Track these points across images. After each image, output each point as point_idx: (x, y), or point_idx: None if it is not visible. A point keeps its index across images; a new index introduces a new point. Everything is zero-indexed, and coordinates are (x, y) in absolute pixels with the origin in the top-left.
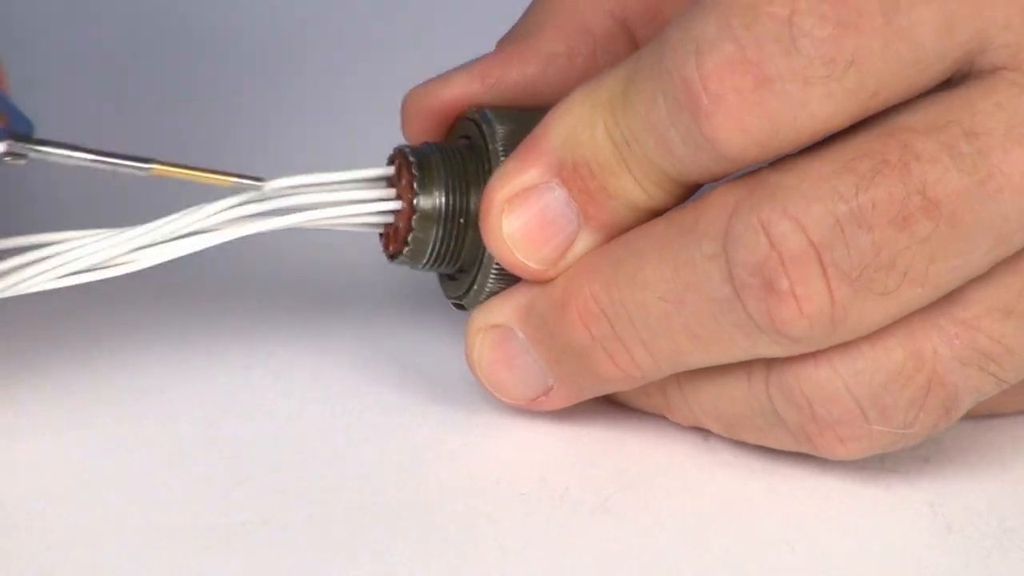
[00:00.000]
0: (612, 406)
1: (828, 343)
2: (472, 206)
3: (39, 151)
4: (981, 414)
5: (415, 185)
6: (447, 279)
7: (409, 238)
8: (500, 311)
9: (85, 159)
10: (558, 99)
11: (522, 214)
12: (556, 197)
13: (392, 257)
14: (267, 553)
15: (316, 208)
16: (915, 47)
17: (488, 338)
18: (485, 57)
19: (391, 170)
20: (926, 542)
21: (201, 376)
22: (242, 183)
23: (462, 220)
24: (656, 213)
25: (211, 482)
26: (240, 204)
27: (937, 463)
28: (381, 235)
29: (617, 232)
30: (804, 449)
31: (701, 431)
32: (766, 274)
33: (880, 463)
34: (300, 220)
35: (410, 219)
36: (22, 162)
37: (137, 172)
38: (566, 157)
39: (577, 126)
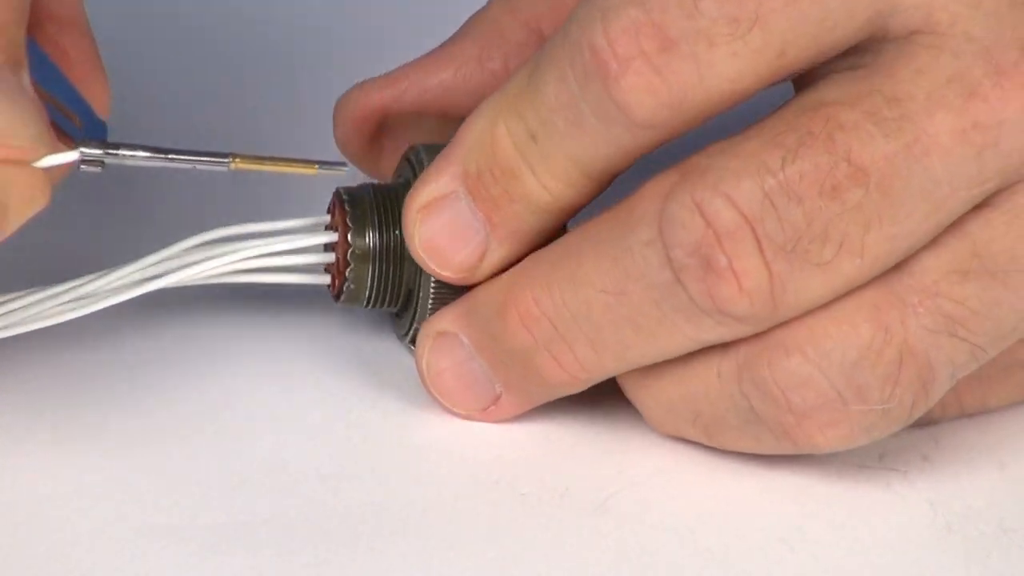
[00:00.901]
0: (613, 406)
1: (772, 321)
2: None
3: (116, 155)
4: (971, 409)
5: (347, 218)
6: (396, 317)
7: (348, 277)
8: (443, 318)
9: (163, 159)
10: (472, 104)
11: (432, 224)
12: (463, 207)
13: (337, 298)
14: (267, 553)
15: (252, 255)
16: (819, 5)
17: (435, 345)
18: (406, 64)
19: (327, 217)
20: (926, 541)
21: (201, 376)
22: (328, 170)
23: (397, 257)
24: (564, 214)
25: (211, 482)
26: (177, 256)
27: (937, 462)
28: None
29: (527, 239)
30: (784, 447)
31: None
32: (703, 252)
33: (880, 462)
34: (235, 267)
35: (346, 256)
36: (98, 169)
37: (217, 168)
38: (470, 165)
39: (480, 133)
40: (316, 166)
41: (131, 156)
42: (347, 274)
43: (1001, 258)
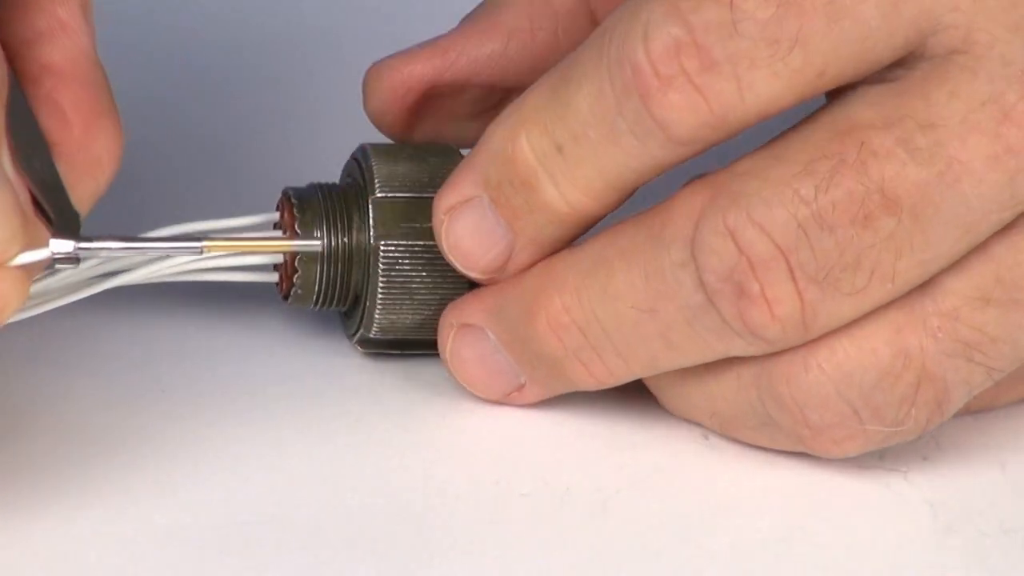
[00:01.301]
0: (613, 406)
1: (802, 341)
2: (354, 244)
3: (88, 248)
4: (976, 408)
5: (296, 225)
6: (346, 317)
7: (295, 278)
8: (470, 311)
9: (135, 249)
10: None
11: (458, 227)
12: (487, 212)
13: (286, 298)
14: (267, 553)
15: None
16: (859, 24)
17: (459, 337)
18: (448, 34)
19: (277, 215)
20: (926, 541)
21: (201, 376)
22: (301, 248)
23: (345, 259)
24: (584, 224)
25: (212, 482)
26: (116, 258)
27: (937, 462)
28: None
29: (548, 246)
30: (799, 449)
31: (701, 429)
32: (736, 279)
33: (880, 462)
34: (184, 267)
35: (294, 259)
36: (73, 265)
37: (189, 254)
38: (490, 174)
39: (500, 142)
40: (290, 245)
41: (103, 248)
42: (295, 275)
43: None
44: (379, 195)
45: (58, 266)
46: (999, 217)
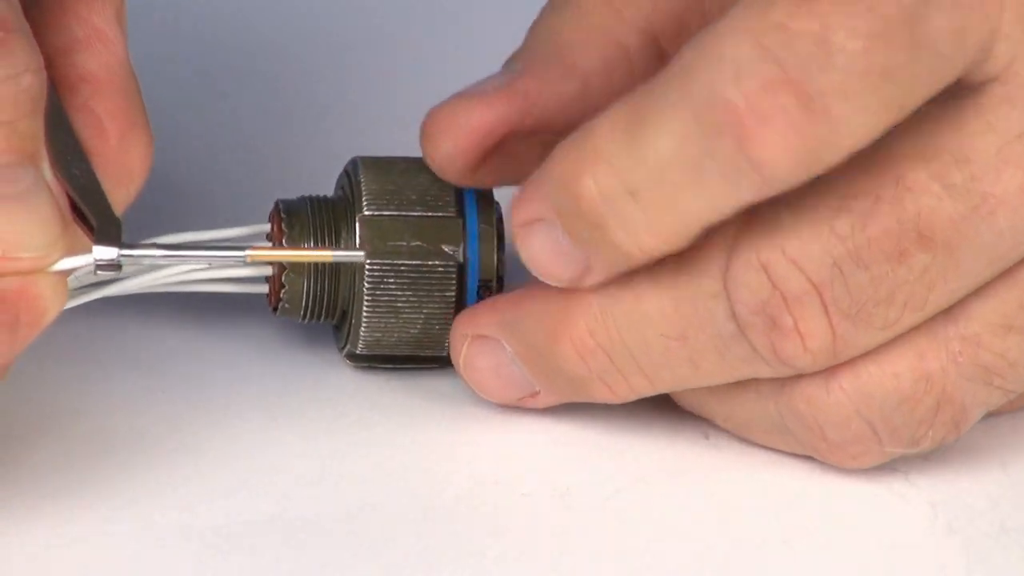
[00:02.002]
0: (613, 406)
1: (828, 366)
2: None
3: (130, 256)
4: (1010, 409)
5: (284, 238)
6: (336, 330)
7: (283, 292)
8: (485, 323)
9: (178, 257)
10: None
11: (533, 243)
12: (559, 234)
13: (275, 310)
14: (268, 553)
15: (184, 266)
16: (935, 56)
17: (474, 347)
18: (519, 75)
19: (268, 226)
20: (927, 542)
21: (202, 379)
22: (343, 259)
23: (333, 272)
24: (652, 261)
25: (212, 482)
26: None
27: (938, 463)
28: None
29: (621, 273)
30: (814, 456)
31: (702, 429)
32: (769, 312)
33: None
34: (168, 279)
35: (283, 273)
36: (116, 272)
37: (232, 261)
38: (559, 202)
39: (564, 175)
40: (332, 254)
41: (146, 256)
42: (282, 289)
43: None
44: (367, 212)
45: (99, 273)
46: None
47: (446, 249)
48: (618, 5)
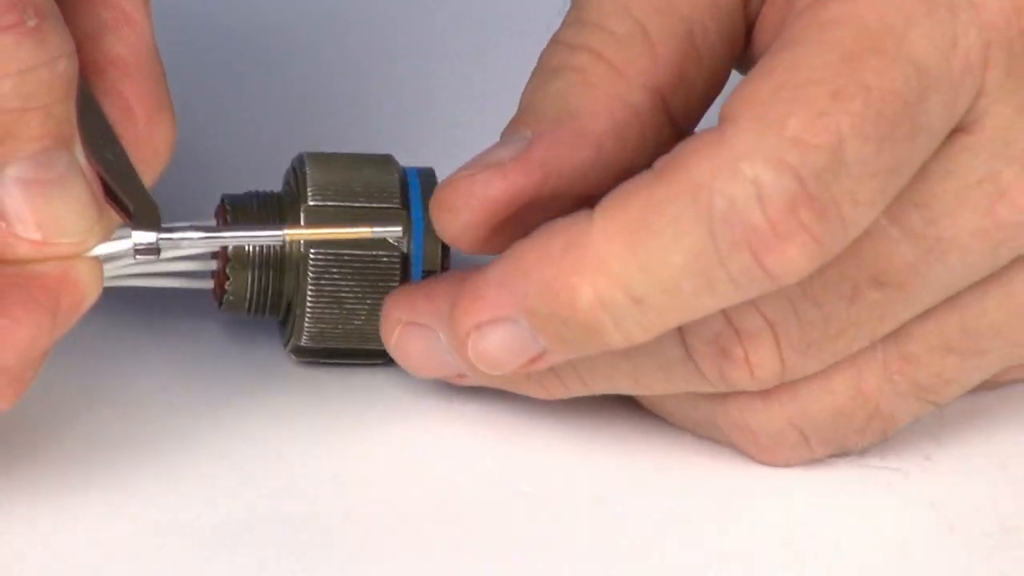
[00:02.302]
0: (613, 406)
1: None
2: (285, 251)
3: (169, 239)
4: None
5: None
6: (282, 326)
7: (227, 285)
8: (421, 312)
9: (217, 237)
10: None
11: (487, 341)
12: (523, 331)
13: (220, 305)
14: (267, 553)
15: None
16: (932, 135)
17: (406, 332)
18: (531, 145)
19: (214, 221)
20: (928, 541)
21: (201, 376)
22: (383, 232)
23: (277, 267)
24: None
25: (212, 482)
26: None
27: (939, 462)
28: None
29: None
30: (744, 454)
31: None
32: (721, 344)
33: (881, 461)
34: (122, 271)
35: (227, 266)
36: (154, 256)
37: (272, 241)
38: (537, 306)
39: (556, 283)
40: (371, 230)
41: (184, 239)
42: (227, 282)
43: (987, 334)
44: (311, 203)
45: (139, 258)
46: (978, 278)
47: (390, 240)
48: (619, 65)
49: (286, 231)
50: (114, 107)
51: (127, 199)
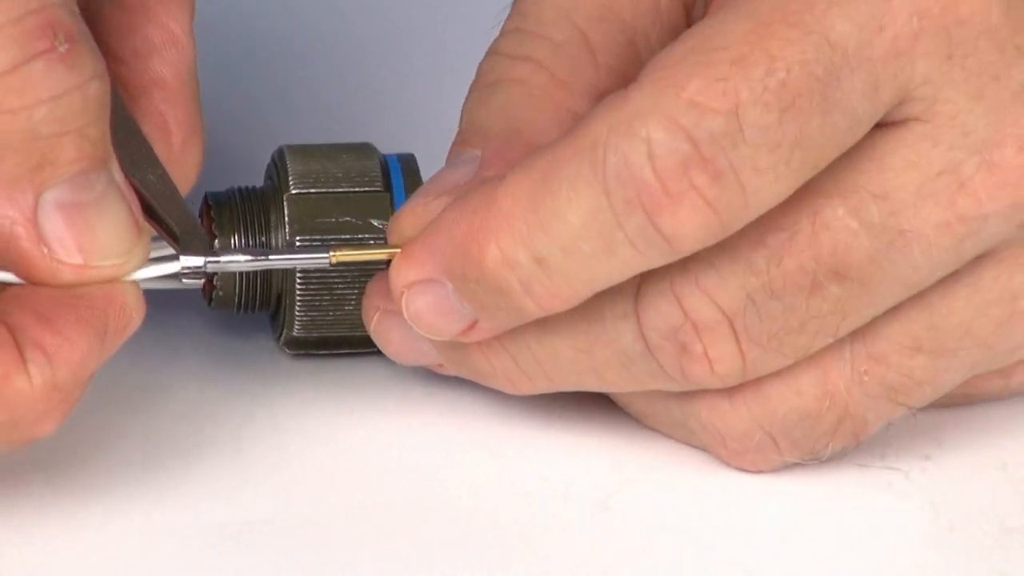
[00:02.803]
0: (613, 405)
1: (737, 384)
2: (272, 243)
3: (217, 262)
4: (950, 403)
5: (213, 228)
6: (272, 321)
7: (216, 281)
8: (398, 279)
9: (264, 260)
10: None
11: (418, 302)
12: (449, 293)
13: (210, 303)
14: (268, 553)
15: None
16: (848, 115)
17: (384, 320)
18: (482, 165)
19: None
20: (928, 541)
21: (202, 376)
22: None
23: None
24: (550, 317)
25: (212, 482)
26: None
27: (939, 462)
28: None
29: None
30: (715, 457)
31: None
32: (680, 338)
33: (881, 461)
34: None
35: None
36: (199, 281)
37: (318, 263)
38: (454, 266)
39: (466, 242)
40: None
41: (232, 262)
42: (215, 280)
43: (956, 332)
44: (294, 192)
45: (185, 282)
46: (943, 274)
47: (375, 223)
48: (562, 75)
49: (332, 254)
50: (152, 128)
51: (171, 221)
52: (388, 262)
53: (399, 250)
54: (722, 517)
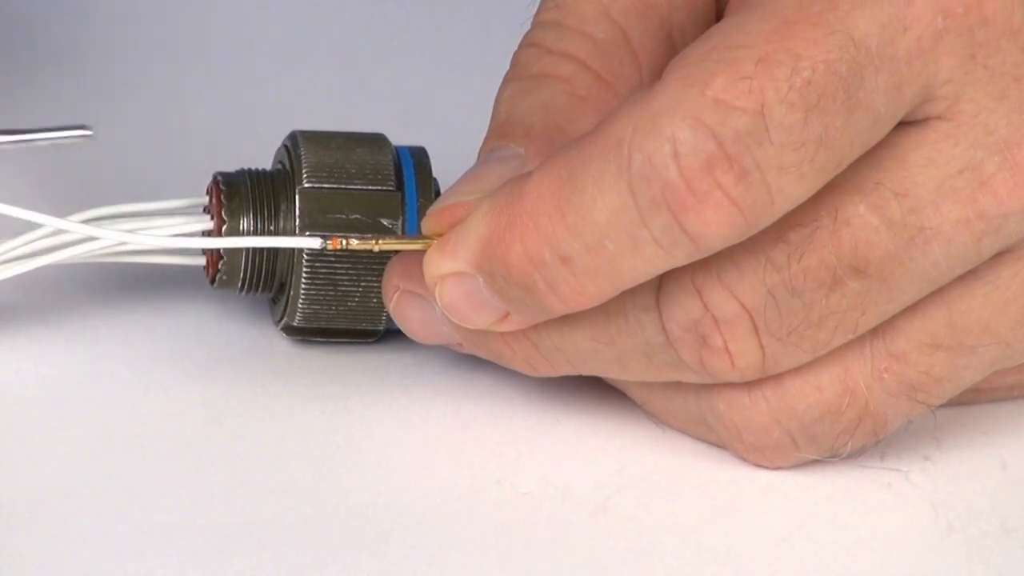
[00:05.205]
0: (614, 404)
1: (757, 379)
2: (282, 228)
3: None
4: (960, 402)
5: (223, 210)
6: (272, 303)
7: (220, 263)
8: (418, 280)
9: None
10: None
11: (451, 293)
12: (481, 287)
13: (212, 282)
14: (267, 553)
15: (123, 235)
16: (871, 114)
17: (404, 300)
18: (526, 161)
19: (206, 198)
20: (927, 541)
21: (202, 375)
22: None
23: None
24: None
25: (212, 482)
26: (46, 236)
27: (939, 462)
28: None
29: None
30: (732, 453)
31: None
32: (700, 331)
33: (881, 462)
34: (105, 248)
35: None
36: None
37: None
38: (481, 262)
39: (493, 238)
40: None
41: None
42: (221, 259)
43: (975, 329)
44: (306, 185)
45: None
46: (962, 271)
47: (385, 223)
48: (596, 67)
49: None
50: None
51: None
52: (389, 251)
53: (434, 241)
54: (722, 517)
